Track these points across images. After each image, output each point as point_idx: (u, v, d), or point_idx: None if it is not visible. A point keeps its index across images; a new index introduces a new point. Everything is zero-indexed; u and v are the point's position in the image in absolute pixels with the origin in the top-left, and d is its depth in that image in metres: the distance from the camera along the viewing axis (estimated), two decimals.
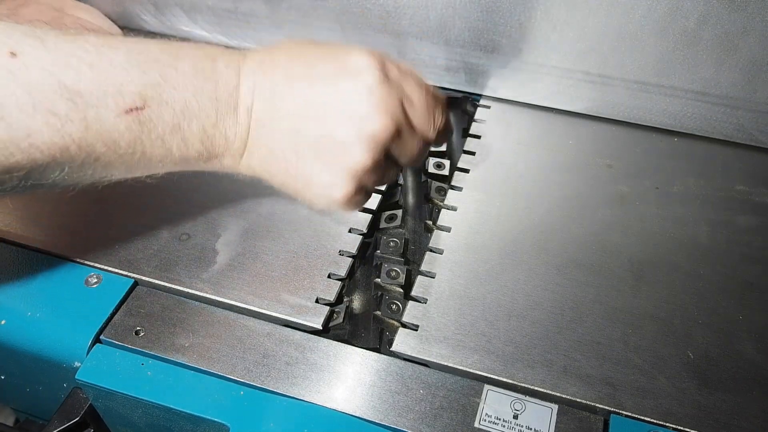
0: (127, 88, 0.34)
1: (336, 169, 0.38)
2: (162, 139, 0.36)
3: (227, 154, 0.39)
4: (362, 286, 0.48)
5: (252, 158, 0.39)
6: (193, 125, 0.37)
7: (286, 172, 0.40)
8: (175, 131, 0.36)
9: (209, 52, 0.38)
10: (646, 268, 0.47)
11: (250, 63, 0.39)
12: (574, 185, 0.53)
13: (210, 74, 0.37)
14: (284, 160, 0.39)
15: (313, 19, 0.60)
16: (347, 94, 0.38)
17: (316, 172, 0.39)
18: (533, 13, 0.53)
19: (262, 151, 0.39)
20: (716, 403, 0.39)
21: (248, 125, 0.39)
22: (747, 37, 0.50)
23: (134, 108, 0.35)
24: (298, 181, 0.40)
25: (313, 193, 0.40)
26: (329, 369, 0.41)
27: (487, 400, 0.39)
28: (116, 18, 0.66)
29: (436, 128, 0.42)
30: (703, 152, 0.56)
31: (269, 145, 0.39)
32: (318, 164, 0.39)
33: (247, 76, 0.38)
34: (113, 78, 0.34)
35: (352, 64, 0.38)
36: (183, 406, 0.39)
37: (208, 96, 0.37)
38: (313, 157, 0.38)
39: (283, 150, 0.39)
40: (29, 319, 0.43)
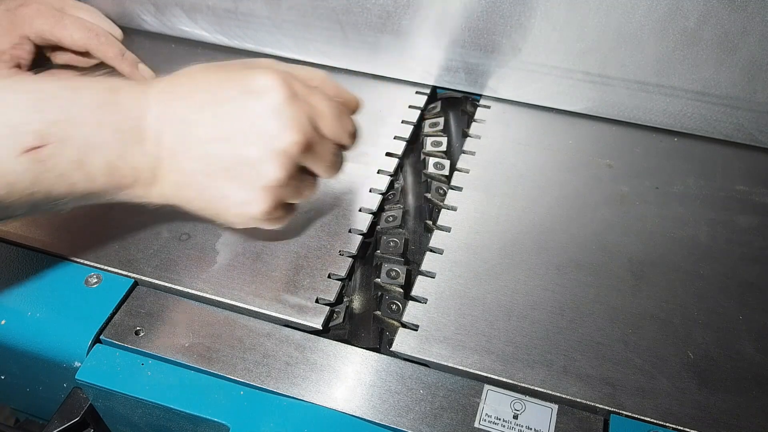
0: (24, 128, 0.35)
1: (250, 187, 0.39)
2: (64, 175, 0.36)
3: (137, 185, 0.39)
4: (362, 286, 0.48)
5: (165, 187, 0.40)
6: (97, 159, 0.37)
7: (201, 196, 0.40)
8: (79, 167, 0.36)
9: (111, 85, 0.39)
10: (646, 268, 0.47)
11: (154, 93, 0.39)
12: (574, 185, 0.53)
13: (112, 107, 0.37)
14: (198, 185, 0.39)
15: (313, 19, 0.60)
16: (255, 115, 0.38)
17: (231, 193, 0.39)
18: (533, 13, 0.53)
19: (175, 179, 0.39)
20: (716, 403, 0.39)
21: (158, 155, 0.39)
22: (747, 37, 0.50)
23: (32, 148, 0.35)
24: (215, 203, 0.40)
25: (231, 213, 0.40)
26: (329, 369, 0.41)
27: (487, 400, 0.39)
28: (116, 18, 0.66)
29: (349, 134, 0.43)
30: (703, 152, 0.56)
31: (182, 172, 0.39)
32: (232, 184, 0.39)
33: (151, 106, 0.39)
34: (8, 120, 0.35)
35: (257, 84, 0.39)
36: (183, 406, 0.39)
37: (112, 128, 0.37)
38: (226, 178, 0.39)
39: (195, 175, 0.39)
40: (29, 319, 0.43)
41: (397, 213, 0.51)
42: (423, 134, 0.59)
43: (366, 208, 0.50)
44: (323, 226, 0.49)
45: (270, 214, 0.40)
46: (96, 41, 0.60)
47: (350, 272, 0.46)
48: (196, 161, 0.39)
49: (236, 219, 0.41)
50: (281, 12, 0.61)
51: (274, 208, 0.40)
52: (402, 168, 0.56)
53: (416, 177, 0.56)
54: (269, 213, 0.40)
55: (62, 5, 0.61)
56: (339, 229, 0.48)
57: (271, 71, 0.39)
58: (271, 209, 0.40)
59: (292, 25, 0.61)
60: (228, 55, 0.66)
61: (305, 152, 0.39)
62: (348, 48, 0.61)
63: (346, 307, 0.45)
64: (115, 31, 0.64)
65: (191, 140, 0.39)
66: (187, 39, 0.67)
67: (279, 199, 0.40)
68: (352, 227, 0.49)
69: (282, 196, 0.40)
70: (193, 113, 0.39)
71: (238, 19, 0.63)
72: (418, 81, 0.62)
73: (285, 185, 0.39)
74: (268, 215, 0.40)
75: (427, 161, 0.56)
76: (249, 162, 0.38)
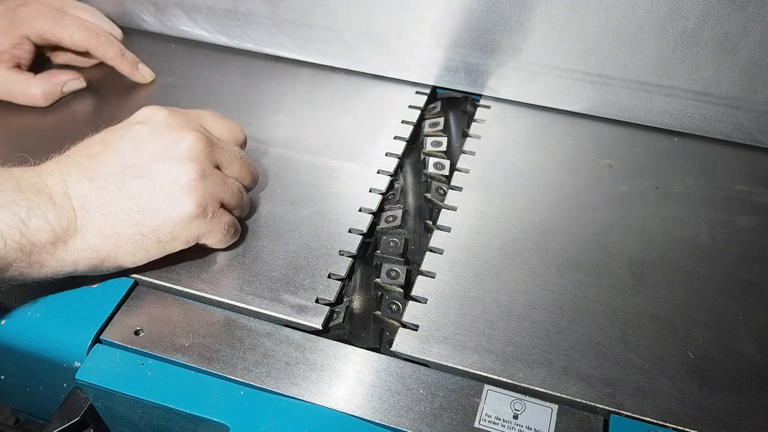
0: None
1: (173, 191, 0.41)
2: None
3: (58, 241, 0.38)
4: (362, 286, 0.48)
5: (88, 236, 0.39)
6: (5, 215, 0.37)
7: (135, 227, 0.40)
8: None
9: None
10: (646, 268, 0.47)
11: (46, 163, 0.41)
12: (574, 185, 0.53)
13: (7, 175, 0.39)
14: (125, 216, 0.40)
15: (313, 19, 0.60)
16: (147, 137, 0.42)
17: (159, 205, 0.40)
18: (533, 13, 0.53)
19: (99, 223, 0.40)
20: (716, 403, 0.39)
21: (71, 207, 0.39)
22: (747, 37, 0.50)
23: None
24: (150, 224, 0.40)
25: (174, 226, 0.41)
26: (329, 369, 0.41)
27: (487, 400, 0.39)
28: (116, 18, 0.66)
29: (254, 177, 0.47)
30: (703, 152, 0.56)
31: (104, 214, 0.40)
32: (158, 201, 0.40)
33: (46, 168, 0.40)
34: None
35: (140, 116, 0.44)
36: (183, 406, 0.39)
37: (11, 188, 0.38)
38: (148, 197, 0.40)
39: (117, 210, 0.40)
40: (29, 319, 0.43)
41: (397, 213, 0.51)
42: (423, 134, 0.59)
43: (366, 208, 0.50)
44: (323, 226, 0.49)
45: (203, 207, 0.41)
46: (96, 41, 0.60)
47: (350, 272, 0.46)
48: (114, 196, 0.40)
49: (178, 230, 0.41)
50: (281, 12, 0.61)
51: (204, 201, 0.41)
52: (402, 168, 0.56)
53: (416, 177, 0.56)
54: (202, 206, 0.41)
55: (62, 5, 0.61)
56: (339, 229, 0.48)
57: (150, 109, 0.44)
58: (202, 201, 0.41)
59: (292, 25, 0.61)
60: (228, 55, 0.66)
61: (210, 149, 0.42)
62: (348, 48, 0.61)
63: (346, 307, 0.45)
64: (115, 31, 0.64)
65: (101, 180, 0.40)
66: (187, 39, 0.67)
67: (206, 193, 0.41)
68: (352, 227, 0.49)
69: (210, 191, 0.42)
70: (93, 157, 0.41)
71: (238, 19, 0.63)
72: (418, 81, 0.62)
73: (206, 176, 0.41)
74: (202, 209, 0.41)
75: (427, 161, 0.56)
76: (162, 172, 0.40)
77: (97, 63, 0.64)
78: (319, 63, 0.64)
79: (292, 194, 0.51)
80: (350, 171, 0.53)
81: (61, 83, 0.60)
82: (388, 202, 0.53)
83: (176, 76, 0.64)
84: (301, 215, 0.49)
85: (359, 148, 0.56)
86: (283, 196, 0.51)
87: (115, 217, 0.40)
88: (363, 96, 0.61)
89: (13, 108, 0.59)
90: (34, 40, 0.59)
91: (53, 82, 0.59)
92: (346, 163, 0.54)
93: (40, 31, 0.58)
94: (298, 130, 0.57)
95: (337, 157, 0.55)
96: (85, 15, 0.62)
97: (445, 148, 0.57)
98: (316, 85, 0.63)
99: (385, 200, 0.52)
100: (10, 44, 0.58)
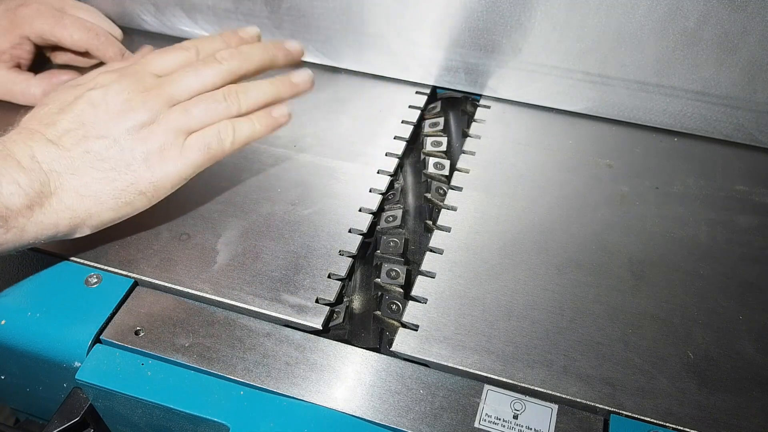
0: None
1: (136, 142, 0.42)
2: None
3: (34, 204, 0.39)
4: (362, 286, 0.48)
5: (65, 195, 0.40)
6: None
7: (112, 182, 0.41)
8: None
9: None
10: (646, 268, 0.47)
11: (8, 134, 0.41)
12: (574, 185, 0.53)
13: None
14: (99, 175, 0.41)
15: (313, 20, 0.60)
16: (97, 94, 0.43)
17: (130, 163, 0.41)
18: (533, 13, 0.53)
19: (72, 184, 0.40)
20: (716, 403, 0.39)
21: (41, 170, 0.39)
22: (747, 37, 0.50)
23: None
24: (126, 178, 0.41)
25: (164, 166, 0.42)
26: (329, 369, 0.41)
27: (487, 400, 0.39)
28: (116, 18, 0.66)
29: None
30: (703, 152, 0.56)
31: (76, 174, 0.40)
32: (127, 156, 0.41)
33: (8, 137, 0.41)
34: None
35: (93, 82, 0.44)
36: (183, 406, 0.39)
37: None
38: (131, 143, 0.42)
39: (90, 169, 0.40)
40: (29, 319, 0.43)
41: (397, 213, 0.51)
42: (423, 134, 0.59)
43: (366, 208, 0.50)
44: (323, 226, 0.49)
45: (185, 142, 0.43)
46: (96, 41, 0.60)
47: (350, 272, 0.46)
48: (85, 161, 0.41)
49: (165, 170, 0.42)
50: (281, 12, 0.61)
51: (179, 132, 0.42)
52: (402, 168, 0.56)
53: (416, 177, 0.56)
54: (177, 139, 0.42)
55: (62, 5, 0.61)
56: (339, 229, 0.48)
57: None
58: (178, 134, 0.42)
59: (292, 25, 0.61)
60: None
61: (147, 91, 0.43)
62: (348, 48, 0.61)
63: (346, 307, 0.45)
64: (115, 31, 0.64)
65: (66, 144, 0.40)
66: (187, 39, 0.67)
67: (180, 125, 0.43)
68: (352, 227, 0.49)
69: (182, 121, 0.43)
70: (52, 125, 0.41)
71: (238, 19, 0.63)
72: (418, 81, 0.62)
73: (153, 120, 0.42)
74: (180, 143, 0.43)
75: (427, 161, 0.56)
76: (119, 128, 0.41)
77: (97, 63, 0.64)
78: (319, 63, 0.64)
79: (292, 194, 0.51)
80: (350, 171, 0.53)
81: (61, 83, 0.59)
82: (388, 202, 0.53)
83: None
84: (301, 215, 0.49)
85: (359, 148, 0.56)
86: (283, 196, 0.51)
87: (89, 176, 0.40)
88: (363, 96, 0.61)
89: (14, 108, 0.59)
90: (34, 40, 0.59)
91: (53, 82, 0.59)
92: (346, 163, 0.54)
93: (40, 31, 0.58)
94: (298, 130, 0.57)
95: (337, 157, 0.55)
96: (85, 15, 0.62)
97: (445, 148, 0.57)
98: (316, 85, 0.62)
99: (385, 200, 0.52)
100: (10, 44, 0.58)
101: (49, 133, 0.41)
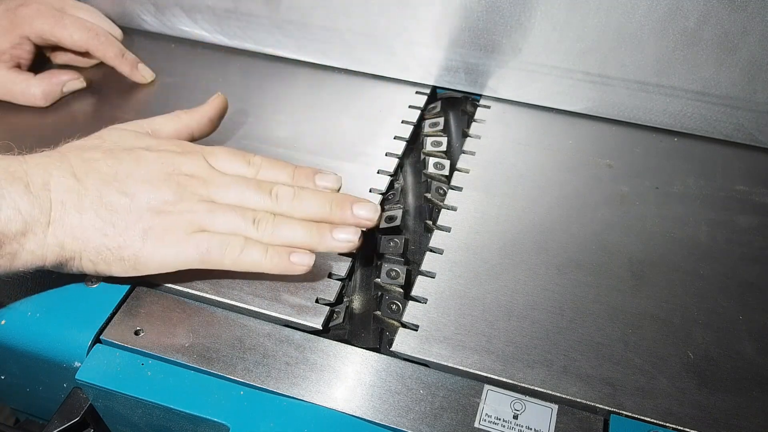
0: None
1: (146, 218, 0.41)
2: None
3: (29, 231, 0.38)
4: (362, 286, 0.48)
5: (59, 230, 0.39)
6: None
7: (103, 237, 0.40)
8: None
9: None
10: (646, 268, 0.47)
11: (34, 154, 0.41)
12: (574, 185, 0.53)
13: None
14: (97, 223, 0.40)
15: (313, 19, 0.60)
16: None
17: (129, 226, 0.40)
18: (533, 13, 0.53)
19: (71, 222, 0.39)
20: (716, 403, 0.39)
21: (48, 198, 0.39)
22: (747, 37, 0.50)
23: None
24: (117, 240, 0.40)
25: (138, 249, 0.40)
26: (329, 369, 0.41)
27: (487, 400, 0.39)
28: (116, 18, 0.66)
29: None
30: (703, 152, 0.56)
31: (79, 213, 0.40)
32: (130, 220, 0.40)
33: (32, 159, 0.40)
34: None
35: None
36: (183, 406, 0.39)
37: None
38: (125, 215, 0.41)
39: (93, 214, 0.40)
40: (29, 319, 0.43)
41: (397, 213, 0.51)
42: (423, 134, 0.59)
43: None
44: None
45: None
46: (96, 41, 0.60)
47: (350, 272, 0.46)
48: (93, 204, 0.40)
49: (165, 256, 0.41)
50: (281, 12, 0.61)
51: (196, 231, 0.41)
52: (402, 168, 0.56)
53: (416, 177, 0.56)
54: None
55: (62, 5, 0.61)
56: None
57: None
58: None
59: (292, 25, 0.61)
60: (228, 55, 0.66)
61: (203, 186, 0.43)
62: (348, 48, 0.61)
63: (346, 307, 0.45)
64: (115, 31, 0.64)
65: (87, 183, 0.40)
66: (187, 39, 0.67)
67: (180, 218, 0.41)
68: None
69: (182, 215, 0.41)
70: (88, 161, 0.41)
71: (238, 19, 0.63)
72: (418, 81, 0.62)
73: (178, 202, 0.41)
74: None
75: (427, 161, 0.56)
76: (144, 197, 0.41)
77: (97, 63, 0.64)
78: (319, 63, 0.64)
79: None
80: (350, 171, 0.53)
81: (61, 83, 0.60)
82: (388, 202, 0.53)
83: (176, 76, 0.64)
84: None
85: (359, 148, 0.56)
86: None
87: (89, 221, 0.40)
88: (363, 96, 0.61)
89: (13, 108, 0.59)
90: (34, 40, 0.59)
91: (53, 82, 0.59)
92: (346, 163, 0.54)
93: (40, 32, 0.58)
94: (298, 130, 0.57)
95: (337, 157, 0.55)
96: (85, 15, 0.62)
97: (445, 148, 0.57)
98: (316, 85, 0.63)
99: (385, 200, 0.52)
100: (10, 44, 0.58)
101: (79, 168, 0.41)
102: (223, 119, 0.52)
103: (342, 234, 0.43)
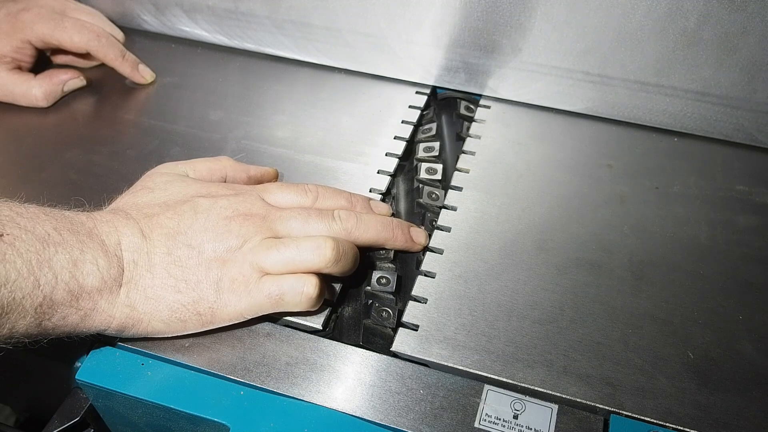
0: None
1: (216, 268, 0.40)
2: (29, 265, 0.34)
3: (105, 289, 0.37)
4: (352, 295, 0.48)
5: (131, 294, 0.38)
6: (59, 253, 0.36)
7: (176, 294, 0.39)
8: (42, 262, 0.35)
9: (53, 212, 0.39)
10: (646, 268, 0.47)
11: (100, 211, 0.41)
12: (574, 185, 0.53)
13: (60, 216, 0.38)
14: (169, 281, 0.39)
15: (313, 19, 0.60)
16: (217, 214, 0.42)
17: (201, 280, 0.40)
18: (533, 13, 0.53)
19: (144, 283, 0.39)
20: (716, 403, 0.39)
21: (122, 258, 0.38)
22: (747, 37, 0.50)
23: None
24: (191, 294, 0.39)
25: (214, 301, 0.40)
26: (329, 369, 0.41)
27: (487, 400, 0.39)
28: (116, 18, 0.66)
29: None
30: (703, 152, 0.56)
31: (151, 271, 0.39)
32: (201, 272, 0.40)
33: (100, 216, 0.40)
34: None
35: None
36: (183, 406, 0.39)
37: (65, 228, 0.37)
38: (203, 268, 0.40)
39: (164, 272, 0.39)
40: None
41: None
42: (415, 141, 0.58)
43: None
44: None
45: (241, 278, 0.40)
46: (96, 43, 0.60)
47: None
48: (162, 261, 0.39)
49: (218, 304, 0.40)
50: (281, 12, 0.61)
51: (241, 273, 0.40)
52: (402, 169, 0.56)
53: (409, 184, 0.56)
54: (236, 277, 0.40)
55: (63, 8, 0.61)
56: None
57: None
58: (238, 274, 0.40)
59: (292, 25, 0.61)
60: (228, 55, 0.66)
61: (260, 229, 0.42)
62: (348, 48, 0.61)
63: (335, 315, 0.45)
64: (116, 33, 0.64)
65: (154, 239, 0.40)
66: (187, 39, 0.67)
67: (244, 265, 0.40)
68: None
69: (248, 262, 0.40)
70: (150, 217, 0.41)
71: (238, 19, 0.63)
72: (418, 81, 0.62)
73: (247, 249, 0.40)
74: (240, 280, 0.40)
75: (420, 167, 0.55)
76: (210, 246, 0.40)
77: (98, 63, 0.64)
78: (319, 63, 0.64)
79: None
80: (350, 171, 0.53)
81: (62, 83, 0.60)
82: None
83: (176, 76, 0.64)
84: None
85: (359, 148, 0.56)
86: None
87: (161, 279, 0.39)
88: (363, 96, 0.61)
89: (14, 108, 0.59)
90: (36, 43, 0.59)
91: (54, 82, 0.59)
92: (346, 163, 0.54)
93: (41, 35, 0.58)
94: (298, 130, 0.57)
95: (337, 157, 0.55)
96: (85, 17, 0.62)
97: (438, 153, 0.56)
98: (316, 85, 0.63)
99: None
100: (11, 48, 0.58)
101: (144, 224, 0.40)
102: (223, 119, 0.52)
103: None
